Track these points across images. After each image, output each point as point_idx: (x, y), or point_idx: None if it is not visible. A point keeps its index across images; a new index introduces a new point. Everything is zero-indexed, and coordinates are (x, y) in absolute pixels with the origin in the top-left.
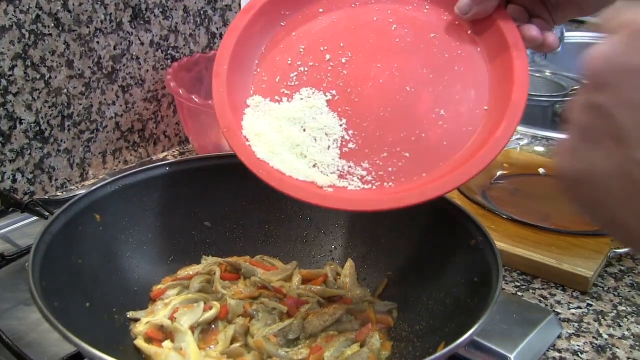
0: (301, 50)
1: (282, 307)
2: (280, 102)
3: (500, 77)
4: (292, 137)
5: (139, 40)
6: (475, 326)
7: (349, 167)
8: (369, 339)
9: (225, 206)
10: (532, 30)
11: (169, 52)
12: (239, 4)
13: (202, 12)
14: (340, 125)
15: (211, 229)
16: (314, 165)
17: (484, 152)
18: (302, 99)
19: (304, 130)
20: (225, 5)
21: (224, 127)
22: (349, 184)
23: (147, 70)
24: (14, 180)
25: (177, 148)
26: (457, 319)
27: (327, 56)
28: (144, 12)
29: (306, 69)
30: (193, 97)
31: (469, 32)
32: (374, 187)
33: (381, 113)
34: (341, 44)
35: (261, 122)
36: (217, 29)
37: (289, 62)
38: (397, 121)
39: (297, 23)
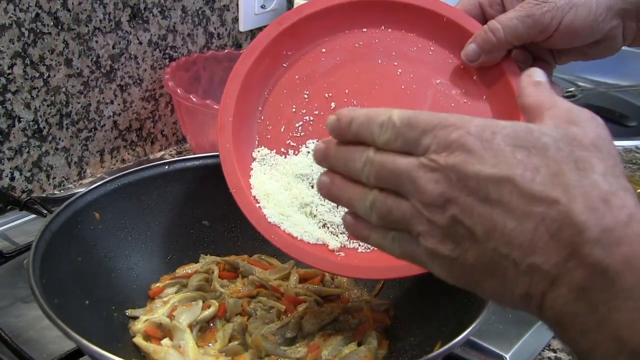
0: (305, 96)
1: (280, 306)
2: (286, 156)
3: None
4: (301, 196)
5: (138, 39)
6: (472, 326)
7: None
8: (366, 338)
9: (223, 205)
10: None
11: (167, 51)
12: (237, 4)
13: (200, 12)
14: None
15: (209, 227)
16: (324, 226)
17: None
18: (309, 152)
19: (312, 187)
20: (224, 6)
21: (232, 188)
22: (359, 245)
23: (145, 70)
24: (12, 179)
25: (175, 147)
26: (454, 318)
27: (333, 104)
28: (142, 11)
29: (312, 118)
30: (191, 96)
31: (474, 77)
32: None
33: None
34: (346, 91)
35: (269, 178)
36: (215, 29)
37: (294, 109)
38: None
39: (300, 65)
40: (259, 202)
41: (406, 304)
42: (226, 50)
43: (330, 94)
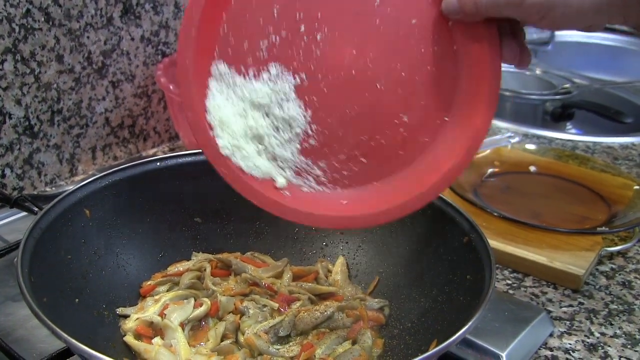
0: (275, 12)
1: (273, 304)
2: (246, 77)
3: (470, 91)
4: (255, 127)
5: (130, 35)
6: (468, 324)
7: (307, 164)
8: (360, 336)
9: (216, 202)
10: (512, 49)
11: (159, 47)
12: None
13: None
14: (305, 118)
15: (202, 225)
16: (273, 159)
17: (437, 183)
18: (270, 79)
19: (267, 115)
20: None
21: (187, 110)
22: (304, 183)
23: (138, 66)
24: (3, 176)
25: (167, 144)
26: (449, 316)
27: (302, 27)
28: (134, 7)
29: (277, 39)
30: None
31: (449, 24)
32: (327, 190)
33: (347, 110)
34: (318, 15)
35: (225, 99)
36: None
37: (260, 23)
38: (360, 122)
39: None
40: (212, 130)
41: (401, 302)
42: None
43: (301, 15)
